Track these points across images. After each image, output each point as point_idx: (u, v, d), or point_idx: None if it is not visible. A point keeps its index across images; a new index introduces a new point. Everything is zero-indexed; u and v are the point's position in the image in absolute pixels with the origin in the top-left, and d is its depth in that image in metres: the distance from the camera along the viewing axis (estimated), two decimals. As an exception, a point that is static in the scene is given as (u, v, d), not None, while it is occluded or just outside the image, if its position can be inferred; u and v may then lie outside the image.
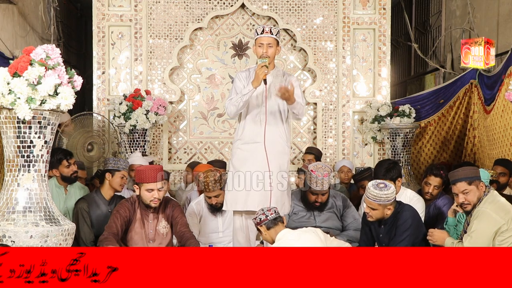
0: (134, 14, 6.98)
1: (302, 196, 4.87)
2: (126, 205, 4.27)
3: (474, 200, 3.87)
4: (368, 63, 7.19)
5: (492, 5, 6.93)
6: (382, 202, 4.03)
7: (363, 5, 7.14)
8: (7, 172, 3.39)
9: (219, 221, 4.87)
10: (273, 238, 3.87)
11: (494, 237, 3.75)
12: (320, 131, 7.19)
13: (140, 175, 4.21)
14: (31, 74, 3.19)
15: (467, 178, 3.87)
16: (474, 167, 4.12)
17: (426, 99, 7.34)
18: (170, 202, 4.41)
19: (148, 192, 4.20)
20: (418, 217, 4.25)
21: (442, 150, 7.33)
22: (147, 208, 4.26)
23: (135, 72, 7.00)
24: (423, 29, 9.39)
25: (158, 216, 4.31)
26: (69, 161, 4.95)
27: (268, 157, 4.28)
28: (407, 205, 4.28)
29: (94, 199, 4.84)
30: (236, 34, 7.24)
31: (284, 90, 4.13)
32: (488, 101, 6.38)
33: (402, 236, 4.06)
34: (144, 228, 4.27)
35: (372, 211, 4.09)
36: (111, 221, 4.20)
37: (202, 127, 7.27)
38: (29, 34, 7.17)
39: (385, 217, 4.12)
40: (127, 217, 4.23)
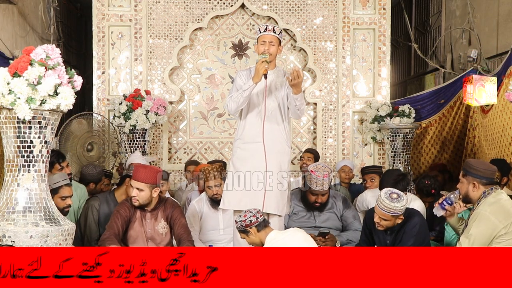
0: (134, 14, 6.98)
1: (302, 196, 4.87)
2: (126, 204, 4.28)
3: (462, 192, 3.84)
4: (368, 63, 7.19)
5: (492, 5, 6.93)
6: (395, 214, 3.97)
7: (363, 5, 7.14)
8: (7, 172, 3.38)
9: (220, 219, 4.87)
10: (262, 241, 3.81)
11: (491, 240, 3.70)
12: (320, 131, 7.19)
13: (133, 170, 4.30)
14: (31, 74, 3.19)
15: (466, 170, 3.82)
16: (491, 166, 3.90)
17: (426, 99, 7.34)
18: (170, 203, 4.41)
19: (130, 188, 4.26)
20: (425, 223, 4.22)
21: (442, 150, 7.33)
22: (141, 207, 4.27)
23: (135, 72, 7.00)
24: (423, 29, 9.39)
25: (157, 216, 4.31)
26: (62, 164, 4.92)
27: (266, 156, 4.26)
28: (415, 210, 4.25)
29: (107, 199, 4.83)
30: (236, 34, 7.24)
31: (297, 74, 4.04)
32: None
33: (410, 241, 4.00)
34: (143, 227, 4.27)
35: (383, 221, 4.01)
36: (111, 221, 4.21)
37: (202, 127, 7.27)
38: (29, 34, 7.17)
39: (394, 226, 4.07)
40: (127, 216, 4.24)
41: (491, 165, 3.93)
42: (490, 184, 3.83)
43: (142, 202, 4.22)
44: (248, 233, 3.84)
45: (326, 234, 4.54)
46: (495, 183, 3.89)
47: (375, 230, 4.17)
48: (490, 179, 3.82)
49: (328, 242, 4.53)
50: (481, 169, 3.81)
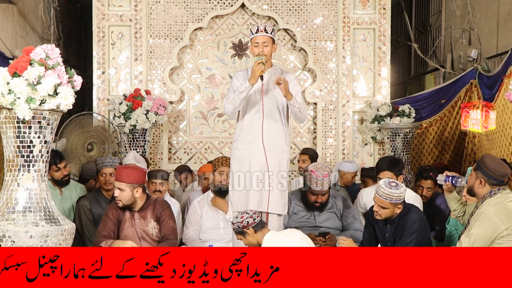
0: (134, 14, 6.98)
1: (302, 196, 4.87)
2: (114, 206, 4.29)
3: (468, 184, 3.85)
4: (368, 63, 7.18)
5: (492, 5, 6.93)
6: (394, 201, 4.01)
7: (363, 5, 7.14)
8: (7, 172, 3.38)
9: (220, 218, 4.87)
10: (259, 241, 3.82)
11: (493, 240, 3.68)
12: (320, 131, 7.19)
13: (116, 171, 4.32)
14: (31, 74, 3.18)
15: (478, 165, 3.79)
16: (504, 168, 3.82)
17: (426, 99, 7.34)
18: (160, 204, 4.38)
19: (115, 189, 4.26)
20: (425, 219, 4.23)
21: (443, 150, 7.34)
22: (131, 208, 4.27)
23: (135, 72, 6.99)
24: (423, 29, 9.39)
25: (146, 217, 4.30)
26: (58, 165, 4.93)
27: (267, 156, 4.25)
28: (414, 206, 4.25)
29: (96, 197, 4.86)
30: (236, 34, 7.24)
31: (280, 79, 4.10)
32: (488, 101, 6.38)
33: (410, 238, 4.02)
34: (134, 227, 4.27)
35: (382, 209, 4.05)
36: (102, 226, 4.22)
37: (202, 127, 7.27)
38: (29, 34, 7.18)
39: (393, 216, 4.09)
40: (117, 217, 4.25)
41: (506, 166, 3.84)
42: (498, 185, 3.77)
43: (125, 202, 4.20)
44: (245, 234, 3.84)
45: (326, 234, 4.53)
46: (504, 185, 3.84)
47: (376, 222, 4.20)
48: (499, 180, 3.76)
49: (328, 242, 4.52)
50: (492, 169, 3.75)
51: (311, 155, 6.31)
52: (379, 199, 4.04)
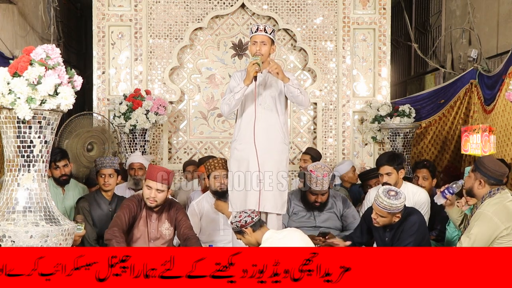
0: (134, 14, 6.98)
1: (302, 196, 4.88)
2: (135, 201, 4.29)
3: (467, 186, 3.84)
4: (368, 63, 7.19)
5: (492, 5, 6.93)
6: (392, 211, 3.98)
7: (363, 5, 7.14)
8: (7, 172, 3.38)
9: (220, 219, 4.87)
10: (258, 240, 3.81)
11: (493, 240, 3.69)
12: (320, 131, 7.19)
13: (147, 170, 4.29)
14: (31, 74, 3.18)
15: (477, 166, 3.79)
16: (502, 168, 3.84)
17: (426, 99, 7.33)
18: (175, 205, 4.42)
19: (147, 189, 4.22)
20: (424, 221, 4.22)
21: (443, 150, 7.33)
22: (151, 207, 4.27)
23: (135, 72, 7.00)
24: (423, 29, 9.39)
25: (161, 217, 4.33)
26: (57, 163, 4.92)
27: (258, 157, 4.24)
28: (414, 209, 4.24)
29: (95, 198, 4.85)
30: (236, 34, 7.24)
31: (272, 67, 4.10)
32: (488, 101, 6.38)
33: (408, 239, 4.01)
34: (147, 227, 4.28)
35: (380, 218, 4.03)
36: (120, 213, 4.20)
37: (202, 127, 7.27)
38: (29, 34, 7.18)
39: (392, 223, 4.08)
40: (135, 212, 4.26)
41: (503, 166, 3.86)
42: (497, 185, 3.78)
43: (160, 203, 4.23)
44: (243, 233, 3.84)
45: (327, 234, 4.54)
46: (503, 184, 3.85)
47: (375, 227, 4.18)
48: (498, 180, 3.78)
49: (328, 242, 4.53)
50: (491, 169, 3.76)
51: (313, 156, 6.27)
52: (377, 208, 4.01)
